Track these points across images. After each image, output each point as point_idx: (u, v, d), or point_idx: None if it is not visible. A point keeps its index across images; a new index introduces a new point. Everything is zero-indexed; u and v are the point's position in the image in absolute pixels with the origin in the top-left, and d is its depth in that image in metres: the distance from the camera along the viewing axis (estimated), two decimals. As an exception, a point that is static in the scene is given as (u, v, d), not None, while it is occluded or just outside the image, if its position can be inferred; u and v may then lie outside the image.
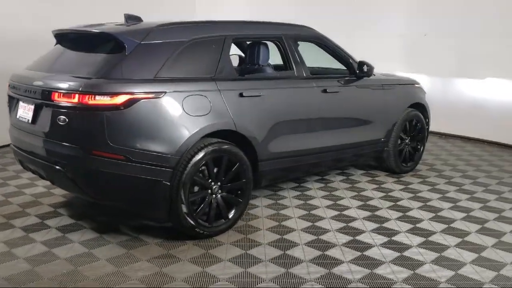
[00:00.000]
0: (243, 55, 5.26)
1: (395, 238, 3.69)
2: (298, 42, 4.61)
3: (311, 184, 4.95)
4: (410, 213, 4.22)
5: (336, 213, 4.19)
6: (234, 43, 4.02)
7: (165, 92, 3.28)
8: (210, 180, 3.55)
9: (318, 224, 3.93)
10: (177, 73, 3.45)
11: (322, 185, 4.96)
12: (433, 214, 4.21)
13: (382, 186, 4.98)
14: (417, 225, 3.95)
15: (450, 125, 7.56)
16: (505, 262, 3.33)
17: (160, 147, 3.25)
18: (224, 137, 3.63)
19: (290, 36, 4.28)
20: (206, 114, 3.46)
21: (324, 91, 4.35)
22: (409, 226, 3.93)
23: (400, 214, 4.20)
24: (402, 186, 4.99)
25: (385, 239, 3.66)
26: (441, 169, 5.67)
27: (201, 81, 3.54)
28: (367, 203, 4.46)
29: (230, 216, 3.68)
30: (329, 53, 4.71)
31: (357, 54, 8.19)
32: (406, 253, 3.43)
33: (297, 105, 4.13)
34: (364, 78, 4.77)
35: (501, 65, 6.82)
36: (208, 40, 3.68)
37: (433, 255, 3.42)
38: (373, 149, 5.04)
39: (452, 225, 3.97)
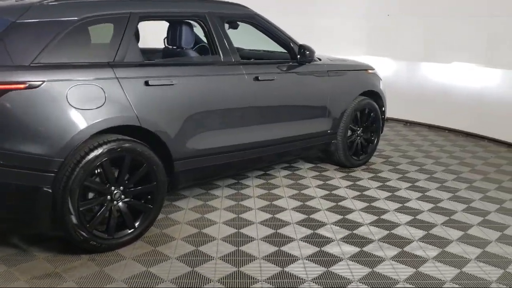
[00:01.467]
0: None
1: (325, 248, 3.24)
2: (238, 23, 4.10)
3: (250, 181, 4.47)
4: (350, 216, 3.76)
5: (268, 216, 3.73)
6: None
7: (43, 82, 2.74)
8: (109, 185, 3.04)
9: (243, 231, 3.47)
10: (62, 59, 2.90)
11: (262, 181, 4.48)
12: (376, 218, 3.76)
13: (328, 182, 4.52)
14: (355, 232, 3.50)
15: (415, 112, 7.11)
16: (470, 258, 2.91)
17: (37, 148, 2.72)
18: (132, 134, 3.12)
19: (215, 15, 3.73)
20: (99, 107, 2.93)
21: (256, 78, 3.84)
22: (345, 232, 3.48)
23: (339, 217, 3.75)
24: (349, 183, 4.53)
25: (314, 249, 3.22)
26: (397, 162, 5.22)
27: (93, 67, 3.00)
28: (306, 203, 4.00)
29: (137, 224, 3.19)
30: (267, 36, 4.18)
31: (314, 36, 7.72)
32: (334, 268, 2.98)
33: (222, 95, 3.61)
34: (307, 64, 4.26)
35: (469, 48, 6.36)
36: (106, 18, 3.13)
37: (365, 271, 2.98)
38: (318, 142, 4.56)
39: (394, 231, 3.53)
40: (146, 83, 3.16)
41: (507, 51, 5.96)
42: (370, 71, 5.03)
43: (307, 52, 4.09)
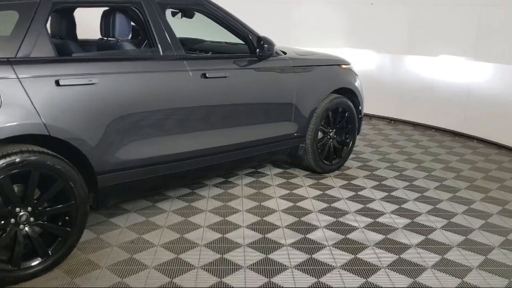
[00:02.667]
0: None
1: (275, 279, 2.74)
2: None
3: (206, 190, 3.96)
4: (311, 236, 3.26)
5: (218, 236, 3.23)
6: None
7: None
8: (11, 205, 2.52)
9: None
10: None
11: (220, 191, 3.97)
12: (342, 237, 3.26)
13: (294, 192, 4.01)
14: (314, 256, 3.00)
15: (400, 110, 6.60)
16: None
17: None
18: (50, 144, 2.61)
19: (153, 1, 3.19)
20: None
21: (204, 76, 3.31)
22: (302, 258, 2.98)
23: (299, 236, 3.25)
24: (318, 192, 4.02)
25: (264, 280, 2.72)
26: (374, 167, 4.71)
27: (-15, 65, 2.46)
28: (264, 218, 3.49)
29: (51, 251, 2.68)
30: (221, 26, 3.65)
31: (289, 25, 7.22)
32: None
33: (158, 95, 3.07)
34: (269, 59, 3.73)
35: (458, 40, 5.84)
36: (9, 4, 2.59)
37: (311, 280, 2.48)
38: (282, 147, 4.04)
39: (361, 255, 3.03)
40: (57, 83, 2.62)
41: (498, 43, 5.44)
42: (344, 66, 4.50)
43: (266, 46, 3.56)
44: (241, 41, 3.81)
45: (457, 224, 3.50)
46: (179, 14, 3.98)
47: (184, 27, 4.08)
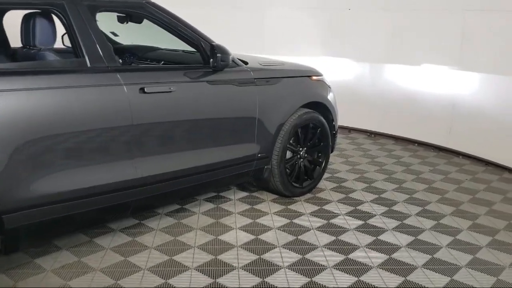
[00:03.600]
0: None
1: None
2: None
3: (156, 221, 3.45)
4: (272, 278, 2.78)
5: (161, 280, 2.72)
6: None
7: None
8: None
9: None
10: None
11: (173, 221, 3.47)
12: (307, 280, 2.78)
13: (258, 221, 3.52)
14: (272, 307, 2.52)
15: (381, 122, 6.16)
16: None
17: None
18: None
19: (80, 4, 2.69)
20: None
21: (142, 90, 2.82)
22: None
23: (257, 280, 2.76)
24: (285, 221, 3.53)
25: None
26: (350, 188, 4.25)
27: None
28: (219, 257, 2.99)
29: None
30: (169, 32, 3.16)
31: (263, 33, 6.76)
32: None
33: (80, 115, 2.56)
34: (225, 70, 3.26)
35: (441, 47, 5.43)
36: None
37: None
38: (244, 170, 3.55)
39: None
40: None
41: (484, 51, 5.04)
42: (314, 77, 4.04)
43: (219, 55, 3.08)
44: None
45: (442, 261, 3.03)
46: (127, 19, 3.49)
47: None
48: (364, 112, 6.22)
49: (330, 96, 4.14)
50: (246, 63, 3.56)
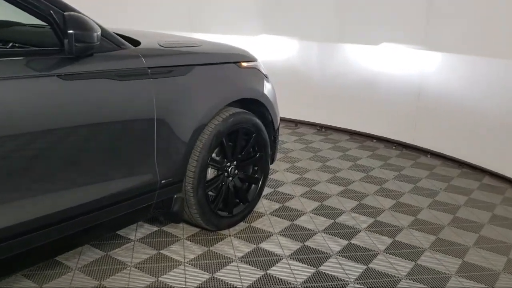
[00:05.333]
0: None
1: None
2: None
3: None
4: None
5: None
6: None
7: None
8: None
9: None
10: None
11: (32, 284, 2.30)
12: None
13: (163, 278, 2.41)
14: None
15: (333, 114, 5.15)
16: None
17: None
18: None
19: None
20: None
21: None
22: None
23: None
24: (204, 276, 2.43)
25: None
26: (298, 211, 3.20)
27: None
28: None
29: None
30: None
31: (189, 9, 5.56)
32: None
33: None
34: (96, 55, 2.07)
35: (403, 23, 4.45)
36: None
37: None
38: (140, 206, 2.38)
39: None
40: None
41: (452, 27, 4.10)
42: (245, 63, 2.91)
43: (72, 31, 1.87)
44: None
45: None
46: None
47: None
48: (313, 102, 5.19)
49: (267, 89, 3.05)
50: (137, 43, 2.39)
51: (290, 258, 2.61)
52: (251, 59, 3.00)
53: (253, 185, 3.04)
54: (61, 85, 1.92)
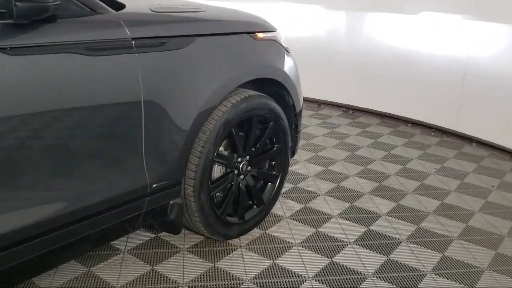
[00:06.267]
0: None
1: None
2: None
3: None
4: None
5: None
6: None
7: None
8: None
9: None
10: None
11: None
12: None
13: (156, 306, 1.93)
14: None
15: (362, 94, 4.55)
16: None
17: None
18: None
19: None
20: None
21: None
22: None
23: None
24: (205, 307, 1.96)
25: None
26: (324, 214, 2.66)
27: None
28: None
29: None
30: None
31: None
32: None
33: None
34: (60, 20, 1.53)
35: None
36: None
37: None
38: (125, 216, 1.85)
39: None
40: None
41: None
42: (261, 34, 2.33)
43: None
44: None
45: None
46: None
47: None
48: (338, 79, 4.59)
49: (288, 66, 2.47)
50: (121, 6, 1.83)
51: (316, 280, 2.08)
52: (269, 29, 2.41)
53: (269, 183, 2.51)
54: (6, 61, 1.38)
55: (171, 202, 2.03)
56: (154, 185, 1.89)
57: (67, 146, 1.59)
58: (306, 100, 4.65)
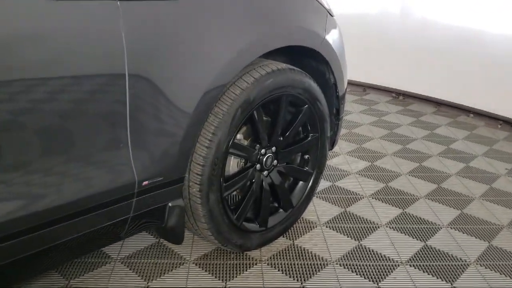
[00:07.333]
0: None
1: None
2: None
3: None
4: None
5: None
6: None
7: None
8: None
9: None
10: None
11: None
12: None
13: None
14: None
15: (415, 77, 3.94)
16: None
17: None
18: None
19: None
20: None
21: None
22: None
23: None
24: None
25: None
26: (363, 220, 2.15)
27: None
28: None
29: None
30: None
31: None
32: None
33: None
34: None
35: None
36: None
37: None
38: (103, 223, 1.40)
39: None
40: None
41: None
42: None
43: None
44: None
45: None
46: None
47: None
48: (388, 60, 3.99)
49: (331, 33, 1.94)
50: None
51: (355, 314, 1.58)
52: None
53: (300, 182, 2.01)
54: None
55: (170, 204, 1.55)
56: (144, 182, 1.41)
57: (16, 131, 1.14)
58: (349, 83, 4.10)
